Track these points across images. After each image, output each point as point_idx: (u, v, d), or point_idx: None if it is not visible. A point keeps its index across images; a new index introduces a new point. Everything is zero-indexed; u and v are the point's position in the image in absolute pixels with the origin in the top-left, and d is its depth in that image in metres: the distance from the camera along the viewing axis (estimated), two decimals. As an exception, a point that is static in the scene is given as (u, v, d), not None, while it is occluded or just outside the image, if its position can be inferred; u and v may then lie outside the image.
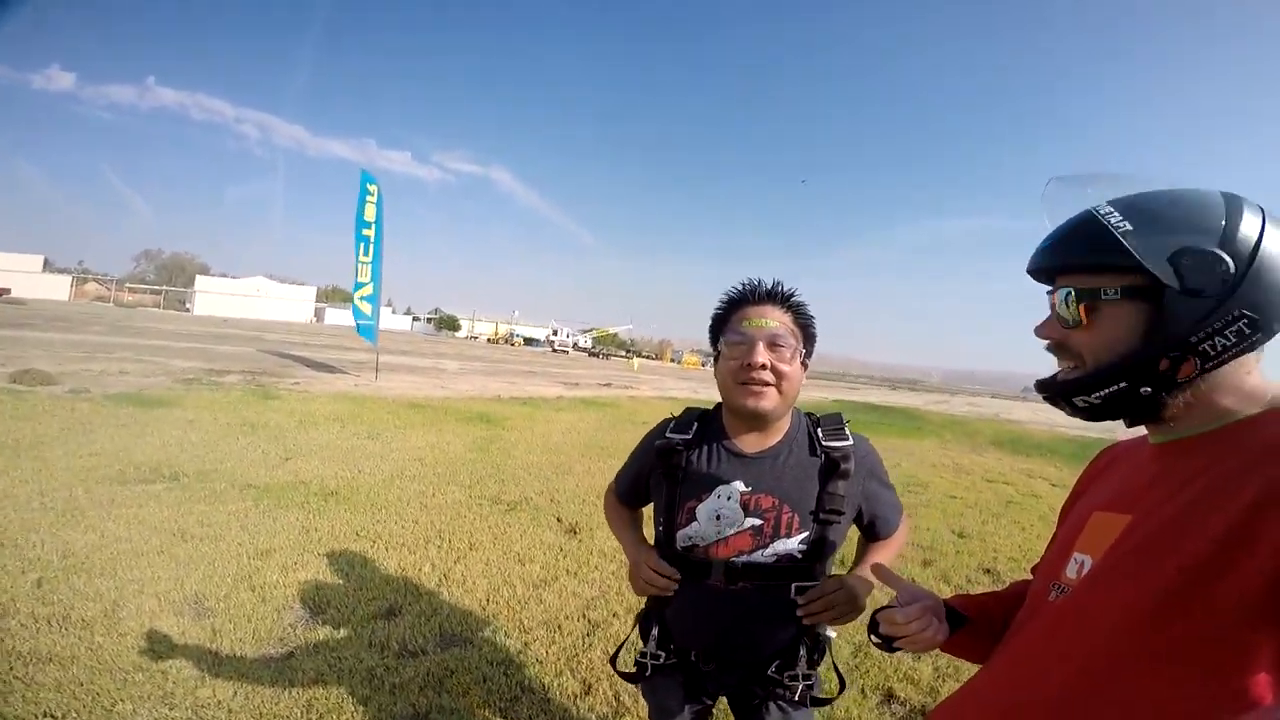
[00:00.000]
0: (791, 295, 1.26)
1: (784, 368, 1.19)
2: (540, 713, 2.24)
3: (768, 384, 1.19)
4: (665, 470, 1.28)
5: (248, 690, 2.18)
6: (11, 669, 2.14)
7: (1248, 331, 0.63)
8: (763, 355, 1.18)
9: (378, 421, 7.54)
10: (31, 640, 2.31)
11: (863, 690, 2.54)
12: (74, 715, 1.98)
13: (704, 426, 1.31)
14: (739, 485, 1.21)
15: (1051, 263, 0.74)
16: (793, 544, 1.20)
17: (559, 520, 4.46)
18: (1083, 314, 0.71)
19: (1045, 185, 0.76)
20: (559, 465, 6.28)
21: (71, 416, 5.99)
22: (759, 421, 1.23)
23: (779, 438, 1.26)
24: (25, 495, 3.75)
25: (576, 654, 2.64)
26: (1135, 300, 0.67)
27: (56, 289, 51.17)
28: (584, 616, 2.99)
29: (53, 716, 1.96)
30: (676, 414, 1.37)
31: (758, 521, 1.20)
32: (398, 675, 2.34)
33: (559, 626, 2.86)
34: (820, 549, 1.22)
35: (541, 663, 2.54)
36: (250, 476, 4.72)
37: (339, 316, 61.06)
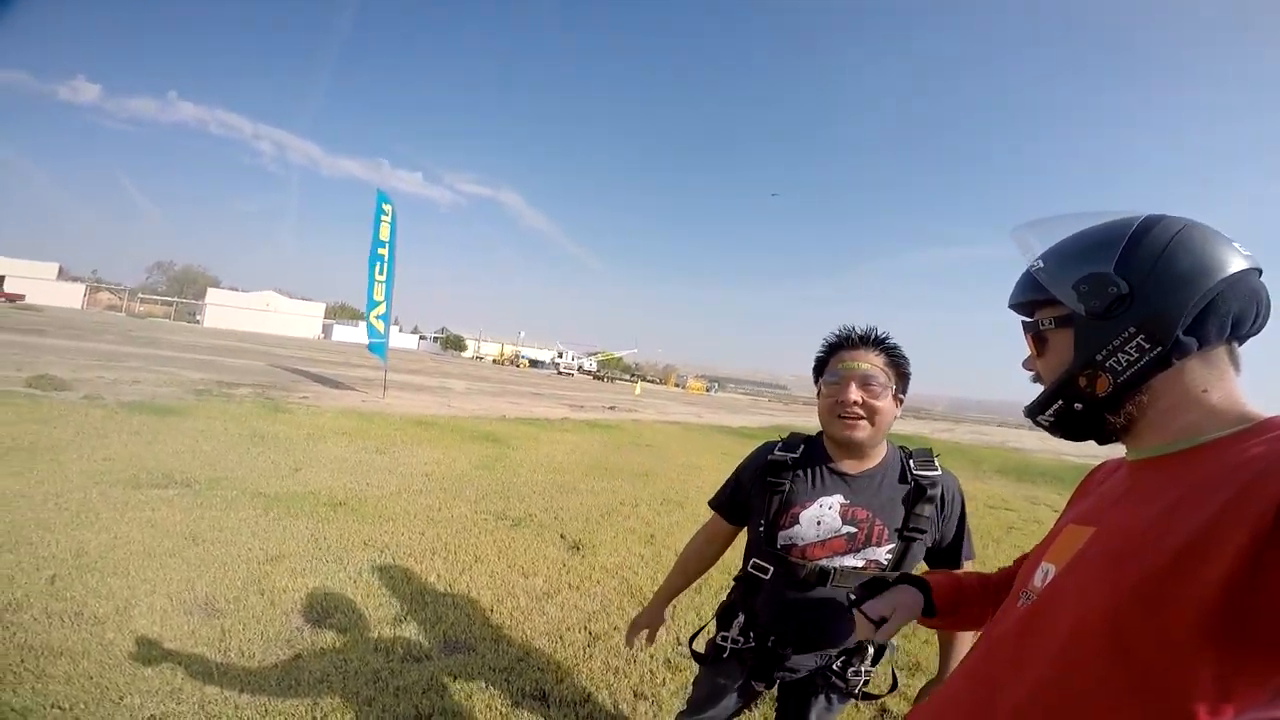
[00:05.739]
0: (885, 339, 1.41)
1: (875, 403, 1.34)
2: (540, 717, 2.27)
3: (860, 417, 1.34)
4: (773, 481, 1.43)
5: (254, 687, 2.22)
6: (23, 661, 2.17)
7: (1147, 346, 0.66)
8: (855, 393, 1.34)
9: (385, 437, 7.60)
10: (44, 634, 2.36)
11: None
12: (82, 706, 2.00)
13: (809, 449, 1.46)
14: (839, 498, 1.37)
15: (1010, 303, 0.83)
16: (880, 553, 1.35)
17: (562, 537, 4.49)
18: (1032, 345, 0.80)
19: (1011, 231, 0.84)
20: (563, 484, 6.31)
21: (85, 422, 6.09)
22: (854, 449, 1.39)
23: (875, 463, 1.41)
24: (40, 496, 3.82)
25: (577, 663, 2.67)
26: (1065, 328, 0.74)
27: (70, 297, 51.95)
28: (585, 629, 3.02)
29: (60, 707, 1.99)
30: (783, 436, 1.53)
31: (853, 529, 1.35)
32: (402, 678, 2.37)
33: (560, 637, 2.89)
34: (903, 561, 1.37)
35: (543, 670, 2.57)
36: (261, 485, 4.78)
37: (346, 333, 61.44)
